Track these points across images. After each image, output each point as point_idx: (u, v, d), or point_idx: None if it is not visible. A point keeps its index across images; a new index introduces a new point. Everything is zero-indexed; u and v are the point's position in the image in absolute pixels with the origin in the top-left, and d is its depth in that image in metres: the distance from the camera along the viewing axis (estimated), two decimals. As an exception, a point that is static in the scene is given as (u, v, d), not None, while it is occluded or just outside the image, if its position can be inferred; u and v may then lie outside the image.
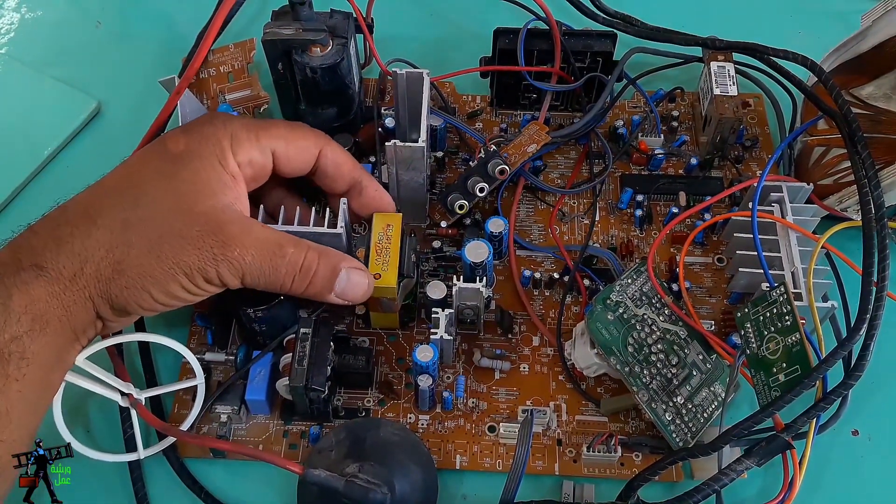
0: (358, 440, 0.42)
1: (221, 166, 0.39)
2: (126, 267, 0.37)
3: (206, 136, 0.40)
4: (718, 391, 0.43)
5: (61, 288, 0.36)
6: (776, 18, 0.64)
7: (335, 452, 0.42)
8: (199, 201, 0.38)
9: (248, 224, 0.39)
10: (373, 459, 0.41)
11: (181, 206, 0.38)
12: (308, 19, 0.48)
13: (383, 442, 0.42)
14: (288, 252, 0.39)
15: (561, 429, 0.45)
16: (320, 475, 0.39)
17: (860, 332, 0.39)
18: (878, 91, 0.52)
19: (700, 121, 0.55)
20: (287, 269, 0.39)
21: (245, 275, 0.39)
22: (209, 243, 0.37)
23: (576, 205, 0.54)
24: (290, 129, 0.42)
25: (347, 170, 0.44)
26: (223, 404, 0.44)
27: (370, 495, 0.39)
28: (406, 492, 0.41)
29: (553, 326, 0.48)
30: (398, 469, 0.41)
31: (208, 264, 0.37)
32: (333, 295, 0.41)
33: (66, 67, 0.60)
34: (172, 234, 0.37)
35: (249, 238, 0.38)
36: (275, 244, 0.39)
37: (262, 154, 0.41)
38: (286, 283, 0.40)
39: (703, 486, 0.38)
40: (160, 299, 0.38)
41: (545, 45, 0.53)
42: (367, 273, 0.42)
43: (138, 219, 0.37)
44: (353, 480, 0.39)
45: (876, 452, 0.45)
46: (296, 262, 0.39)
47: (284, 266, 0.39)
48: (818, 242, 0.44)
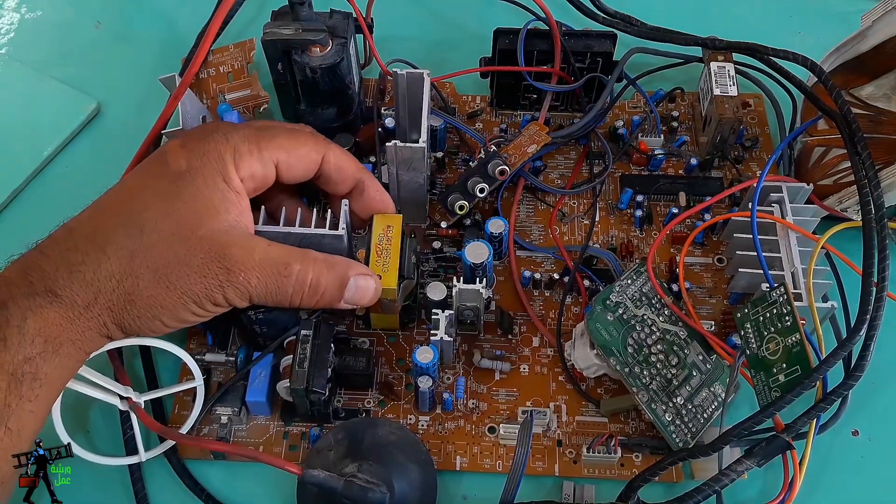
0: (356, 440, 0.42)
1: (225, 183, 0.39)
2: (136, 297, 0.37)
3: (208, 153, 0.39)
4: (718, 392, 0.43)
5: (76, 314, 0.36)
6: (776, 18, 0.64)
7: (334, 452, 0.42)
8: (202, 224, 0.38)
9: (251, 245, 0.39)
10: (371, 459, 0.41)
11: (183, 232, 0.37)
12: (308, 19, 0.48)
13: (381, 441, 0.42)
14: (294, 270, 0.39)
15: (561, 429, 0.45)
16: (319, 476, 0.39)
17: (860, 332, 0.40)
18: (878, 91, 0.52)
19: (700, 121, 0.55)
20: (295, 288, 0.39)
21: (252, 296, 0.39)
22: (214, 270, 0.37)
23: (576, 205, 0.54)
24: (292, 138, 0.42)
25: (350, 173, 0.44)
26: (224, 406, 0.44)
27: (369, 495, 0.39)
28: (405, 491, 0.41)
29: (553, 327, 0.48)
30: (396, 468, 0.41)
31: (215, 290, 0.38)
32: (343, 302, 0.41)
33: (66, 67, 0.60)
34: (177, 263, 0.37)
35: (253, 261, 0.38)
36: (280, 264, 0.39)
37: (263, 166, 0.40)
38: (295, 301, 0.40)
39: (704, 486, 0.38)
40: (170, 324, 0.39)
41: (545, 46, 0.53)
42: (375, 277, 0.42)
43: (144, 247, 0.37)
44: (353, 480, 0.39)
45: (876, 453, 0.45)
46: (303, 280, 0.39)
47: (291, 285, 0.39)
48: (818, 243, 0.44)
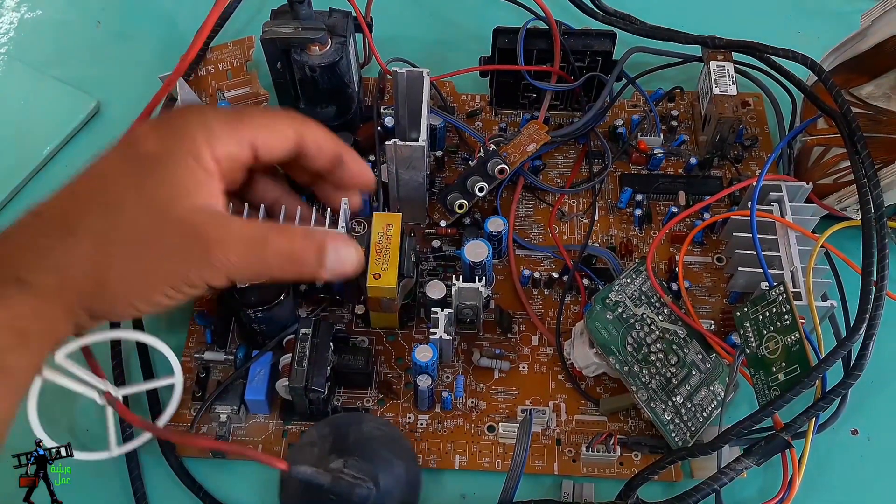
0: (341, 435, 0.42)
1: (196, 163, 0.37)
2: (108, 282, 0.36)
3: (179, 132, 0.37)
4: (718, 390, 0.43)
5: (44, 302, 0.35)
6: (776, 18, 0.64)
7: (318, 447, 0.41)
8: (174, 206, 0.36)
9: (226, 222, 0.37)
10: (357, 454, 0.41)
11: (156, 214, 0.36)
12: (307, 18, 0.48)
13: (367, 436, 0.42)
14: (272, 242, 0.38)
15: (560, 428, 0.45)
16: (307, 471, 0.38)
17: (859, 331, 0.39)
18: (878, 90, 0.52)
19: (699, 120, 0.55)
20: (274, 260, 0.38)
21: (231, 274, 0.37)
22: (189, 250, 0.36)
23: (575, 204, 0.54)
24: (269, 117, 0.40)
25: (329, 149, 0.42)
26: (223, 404, 0.44)
27: (356, 491, 0.39)
28: (390, 486, 0.41)
29: (552, 326, 0.48)
30: (382, 464, 0.41)
31: (191, 272, 0.36)
32: (325, 272, 0.39)
33: (65, 67, 0.60)
34: (151, 245, 0.36)
35: (231, 237, 0.37)
36: (259, 237, 0.38)
37: (239, 146, 0.39)
38: (275, 273, 0.39)
39: (703, 485, 0.38)
40: (143, 308, 0.37)
41: (545, 45, 0.53)
42: (354, 243, 0.40)
43: (116, 231, 0.36)
44: (340, 476, 0.39)
45: (875, 452, 0.45)
46: (280, 250, 0.38)
47: (270, 257, 0.38)
48: (817, 242, 0.44)
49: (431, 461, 0.44)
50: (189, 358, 0.47)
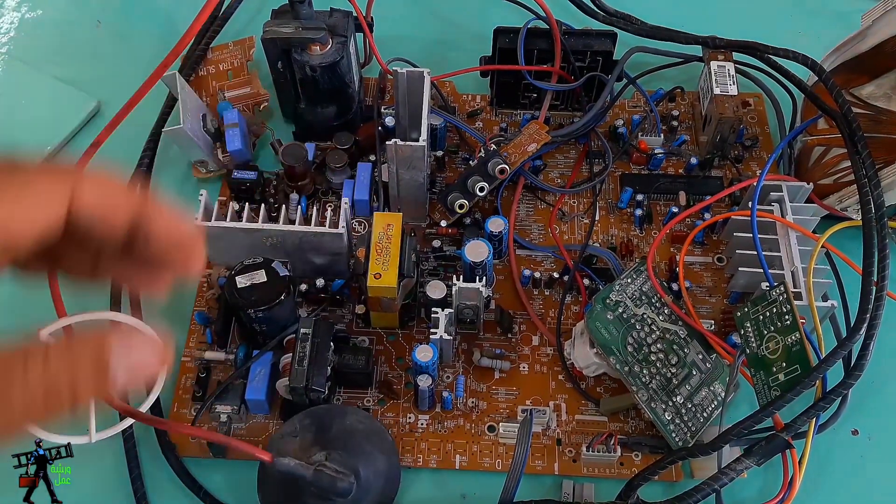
0: (323, 427, 0.42)
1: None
2: None
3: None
4: (718, 391, 0.43)
5: None
6: (776, 18, 0.64)
7: (300, 438, 0.41)
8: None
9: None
10: (338, 447, 0.41)
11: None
12: (308, 18, 0.48)
13: (349, 430, 0.42)
14: (15, 374, 0.23)
15: (560, 428, 0.45)
16: (289, 463, 0.38)
17: (860, 331, 0.40)
18: (879, 91, 0.52)
19: (700, 120, 0.55)
20: (21, 403, 0.23)
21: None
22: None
23: (576, 204, 0.54)
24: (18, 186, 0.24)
25: (120, 208, 0.26)
26: (223, 403, 0.44)
27: (338, 484, 0.39)
28: (370, 479, 0.41)
29: (553, 326, 0.48)
30: (363, 457, 0.41)
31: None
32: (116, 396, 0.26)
33: (66, 66, 0.60)
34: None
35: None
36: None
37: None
38: (23, 424, 0.24)
39: (703, 485, 0.38)
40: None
41: (545, 45, 0.53)
42: (154, 336, 0.27)
43: None
44: (322, 469, 0.39)
45: (876, 452, 0.45)
46: (30, 383, 0.23)
47: (15, 397, 0.23)
48: (818, 242, 0.44)
49: (432, 461, 0.44)
50: (189, 358, 0.47)
